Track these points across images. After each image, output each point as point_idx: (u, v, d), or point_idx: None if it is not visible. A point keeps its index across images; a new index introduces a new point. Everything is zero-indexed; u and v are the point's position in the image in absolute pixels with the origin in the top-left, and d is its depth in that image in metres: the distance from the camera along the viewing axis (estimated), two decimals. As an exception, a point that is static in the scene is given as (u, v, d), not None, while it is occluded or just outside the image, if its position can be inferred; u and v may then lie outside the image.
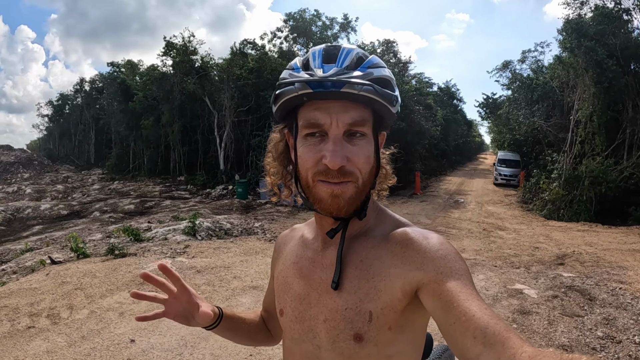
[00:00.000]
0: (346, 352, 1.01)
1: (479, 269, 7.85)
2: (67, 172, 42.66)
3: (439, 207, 16.84)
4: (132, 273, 7.69)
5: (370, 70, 0.95)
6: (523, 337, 0.83)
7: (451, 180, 29.54)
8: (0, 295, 6.89)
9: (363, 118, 0.95)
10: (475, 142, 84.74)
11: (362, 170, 0.96)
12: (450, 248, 0.97)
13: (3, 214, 18.62)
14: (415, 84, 27.43)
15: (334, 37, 24.89)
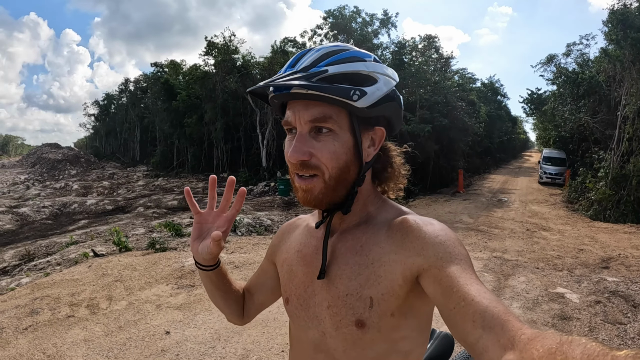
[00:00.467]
0: (349, 337, 1.03)
1: (520, 270, 7.61)
2: (112, 169, 43.85)
3: (482, 206, 16.45)
4: (171, 267, 7.79)
5: (327, 68, 0.96)
6: (522, 320, 0.76)
7: (495, 178, 28.83)
8: (44, 285, 7.10)
9: (324, 115, 0.97)
10: (520, 140, 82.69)
11: (327, 165, 0.98)
12: (450, 234, 0.98)
13: (50, 208, 19.24)
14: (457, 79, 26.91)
15: (374, 33, 24.60)
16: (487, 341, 0.75)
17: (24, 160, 54.26)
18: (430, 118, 19.97)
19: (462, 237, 10.38)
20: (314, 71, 0.95)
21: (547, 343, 0.64)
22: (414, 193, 19.68)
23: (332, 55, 0.99)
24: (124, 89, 57.58)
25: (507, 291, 6.50)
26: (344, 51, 1.01)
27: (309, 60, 0.98)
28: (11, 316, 5.81)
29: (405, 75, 21.32)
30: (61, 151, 49.91)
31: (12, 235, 14.77)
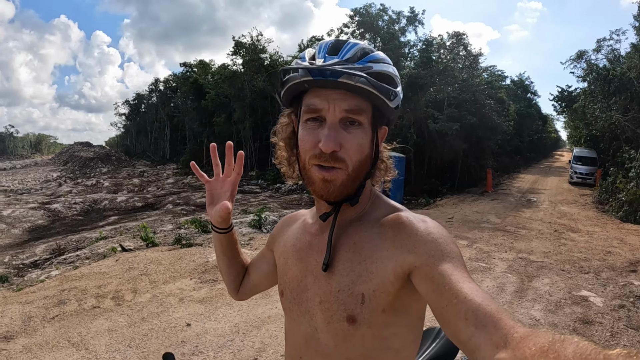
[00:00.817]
0: (340, 333, 1.04)
1: (545, 272, 7.45)
2: (143, 167, 44.53)
3: (510, 206, 16.16)
4: (196, 262, 7.90)
5: (370, 65, 0.99)
6: (515, 318, 0.75)
7: (524, 178, 28.22)
8: (72, 277, 7.27)
9: (359, 107, 0.98)
10: (551, 138, 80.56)
11: (352, 158, 1.00)
12: (442, 231, 0.98)
13: (81, 205, 19.67)
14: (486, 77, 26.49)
15: (401, 31, 24.39)
16: (480, 339, 0.75)
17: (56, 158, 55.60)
18: (459, 116, 19.71)
19: (487, 237, 10.24)
20: (360, 65, 0.97)
21: (539, 341, 0.64)
22: (441, 192, 19.50)
23: (370, 52, 1.02)
24: (154, 88, 58.45)
25: (530, 293, 6.39)
26: (375, 50, 1.04)
27: (352, 52, 0.99)
28: (39, 306, 5.98)
29: (433, 73, 21.11)
30: (93, 149, 50.95)
31: (43, 231, 15.16)
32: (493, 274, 7.29)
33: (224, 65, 34.74)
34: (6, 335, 5.13)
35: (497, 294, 6.31)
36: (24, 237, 14.28)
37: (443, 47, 24.34)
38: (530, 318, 5.47)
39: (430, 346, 1.66)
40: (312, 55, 1.04)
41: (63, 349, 4.79)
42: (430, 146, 20.43)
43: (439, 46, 23.80)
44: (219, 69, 36.58)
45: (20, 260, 10.42)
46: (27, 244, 12.93)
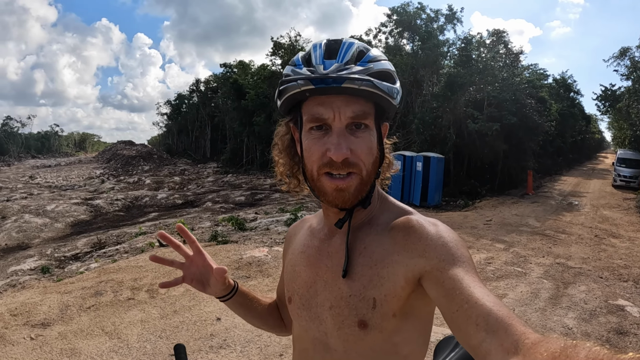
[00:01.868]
0: (351, 338, 1.03)
1: (582, 279, 7.22)
2: (184, 165, 45.33)
3: (551, 209, 15.74)
4: (230, 258, 8.00)
5: (371, 65, 0.97)
6: (526, 324, 0.77)
7: (566, 180, 27.53)
8: (110, 270, 7.47)
9: (364, 111, 0.97)
10: (595, 139, 77.87)
11: (365, 162, 0.98)
12: (452, 235, 0.97)
13: (123, 201, 20.17)
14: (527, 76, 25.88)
15: (440, 29, 24.08)
16: (490, 345, 0.74)
17: (99, 156, 57.22)
18: (499, 116, 19.29)
19: (525, 241, 10.03)
20: (360, 67, 0.95)
21: (551, 347, 0.63)
22: (480, 194, 19.18)
23: (367, 52, 1.00)
24: (194, 89, 59.43)
25: (564, 300, 6.21)
26: (371, 49, 1.02)
27: (350, 53, 0.97)
28: (77, 296, 6.17)
29: (472, 71, 20.76)
30: (135, 148, 52.16)
31: (86, 225, 15.61)
32: (528, 279, 7.13)
33: (264, 65, 35.10)
34: (43, 322, 5.32)
35: (530, 300, 6.17)
36: (67, 231, 14.75)
37: (483, 45, 23.86)
38: (562, 326, 5.33)
39: (449, 355, 1.62)
40: (307, 59, 1.00)
41: (96, 337, 4.94)
42: (470, 147, 20.07)
43: (479, 44, 23.34)
44: (258, 70, 36.98)
45: (62, 253, 10.76)
46: (69, 238, 13.36)
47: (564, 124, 32.94)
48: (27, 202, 18.09)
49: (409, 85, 23.63)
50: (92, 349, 4.70)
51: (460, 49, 22.48)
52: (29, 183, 30.05)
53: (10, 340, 4.88)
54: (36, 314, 5.55)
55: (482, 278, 0.89)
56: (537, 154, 23.98)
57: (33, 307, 5.75)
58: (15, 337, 4.96)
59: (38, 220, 15.25)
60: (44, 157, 70.03)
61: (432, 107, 21.68)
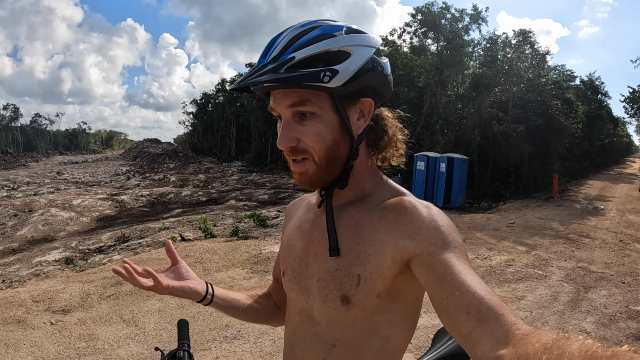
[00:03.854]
0: (334, 313, 1.04)
1: (604, 283, 7.05)
2: (209, 163, 45.76)
3: (575, 213, 15.43)
4: (249, 253, 8.08)
5: (293, 55, 0.95)
6: (517, 315, 0.74)
7: (593, 184, 26.97)
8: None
9: (302, 99, 0.97)
10: (623, 143, 76.00)
11: (315, 148, 0.99)
12: (445, 219, 0.96)
13: (148, 197, 20.45)
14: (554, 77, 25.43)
15: (465, 29, 23.78)
16: (481, 333, 0.74)
17: (126, 153, 58.11)
18: (524, 118, 19.00)
19: (548, 244, 9.86)
20: (282, 60, 0.95)
21: (542, 338, 0.63)
22: (504, 196, 18.94)
23: (299, 38, 0.98)
24: (220, 88, 59.89)
25: (584, 304, 6.09)
26: (311, 30, 0.99)
27: (278, 48, 0.97)
28: (98, 285, 6.31)
29: (498, 72, 20.52)
30: (161, 146, 52.87)
31: (111, 220, 15.88)
32: (548, 282, 7.01)
33: (288, 65, 35.11)
34: (64, 308, 5.46)
35: (549, 303, 6.07)
36: (92, 225, 15.02)
37: (508, 45, 23.55)
38: (580, 330, 5.22)
39: (447, 343, 1.62)
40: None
41: (115, 324, 5.04)
42: (495, 148, 19.82)
43: (504, 45, 23.04)
44: (283, 69, 37.07)
45: (86, 246, 10.97)
46: (94, 232, 13.61)
47: (591, 126, 32.29)
48: (54, 197, 18.49)
49: (434, 85, 23.47)
50: (110, 335, 4.81)
51: (485, 49, 22.22)
52: (56, 178, 30.71)
53: (31, 325, 5.02)
54: (57, 301, 5.70)
55: (473, 266, 0.88)
56: (563, 157, 23.55)
57: (55, 295, 5.90)
58: (36, 322, 5.10)
59: (64, 214, 15.57)
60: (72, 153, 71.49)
61: (457, 108, 21.49)
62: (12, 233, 13.05)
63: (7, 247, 11.54)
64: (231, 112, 55.86)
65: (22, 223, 14.06)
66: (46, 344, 4.63)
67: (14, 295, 5.99)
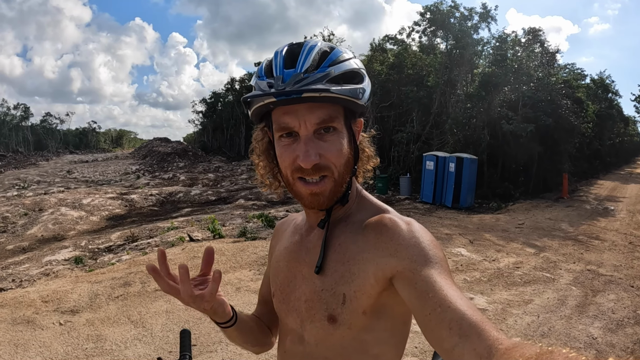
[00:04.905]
0: (321, 332, 1.05)
1: (612, 287, 7.01)
2: (218, 162, 45.78)
3: (585, 214, 15.31)
4: (257, 254, 8.10)
5: (331, 69, 0.96)
6: (500, 329, 0.77)
7: (603, 184, 26.77)
8: (140, 262, 7.66)
9: (330, 115, 0.97)
10: (634, 142, 75.02)
11: (336, 164, 0.99)
12: (425, 235, 0.97)
13: (157, 196, 20.52)
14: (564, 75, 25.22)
15: (474, 28, 23.62)
16: (464, 349, 0.74)
17: (135, 152, 58.32)
18: (534, 117, 18.83)
19: (557, 246, 9.81)
20: (320, 72, 0.95)
21: (526, 352, 0.63)
22: (514, 197, 18.83)
23: (329, 54, 0.99)
24: (230, 87, 60.01)
25: (591, 309, 6.05)
26: (334, 49, 1.02)
27: (310, 60, 0.97)
28: (106, 286, 6.36)
29: (507, 71, 20.40)
30: (170, 145, 52.99)
31: (120, 219, 15.95)
32: (556, 286, 6.98)
33: (296, 64, 35.09)
34: (73, 309, 5.52)
35: (556, 307, 6.05)
36: (102, 224, 15.09)
37: (518, 44, 23.38)
38: (587, 335, 5.19)
39: None
40: (269, 69, 1.01)
41: (122, 325, 5.08)
42: (504, 148, 19.67)
43: (514, 43, 22.87)
44: (291, 69, 37.02)
45: (95, 245, 11.03)
46: (103, 231, 13.68)
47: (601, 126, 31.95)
48: (64, 196, 18.59)
49: (443, 84, 23.36)
50: (117, 336, 4.85)
51: (494, 48, 22.08)
52: (67, 177, 30.92)
53: (40, 325, 5.08)
54: (66, 301, 5.75)
55: (455, 281, 0.89)
56: (573, 156, 23.37)
57: (64, 295, 5.95)
58: (45, 322, 5.16)
59: (74, 213, 15.66)
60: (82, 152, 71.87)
61: (466, 107, 21.39)
62: (23, 232, 13.16)
63: (18, 246, 11.63)
64: (240, 111, 55.80)
65: (33, 222, 14.17)
66: (55, 345, 4.68)
67: (23, 295, 6.05)
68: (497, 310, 5.91)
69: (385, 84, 25.70)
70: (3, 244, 11.92)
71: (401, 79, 25.23)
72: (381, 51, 27.90)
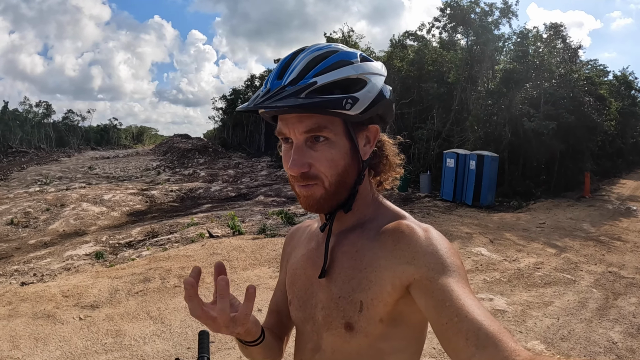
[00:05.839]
0: (338, 340, 1.04)
1: (634, 290, 6.88)
2: (238, 159, 45.97)
3: (607, 214, 15.02)
4: (276, 252, 8.13)
5: (315, 79, 0.94)
6: (517, 340, 0.79)
7: (626, 183, 26.15)
8: (160, 258, 7.71)
9: (319, 125, 0.96)
10: None
11: (326, 174, 0.99)
12: (443, 243, 0.96)
13: (177, 192, 20.69)
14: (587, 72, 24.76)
15: (495, 24, 23.31)
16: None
17: (156, 148, 58.82)
18: (555, 115, 18.47)
19: (578, 247, 9.66)
20: (302, 84, 0.94)
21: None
22: (535, 195, 18.60)
23: (319, 62, 0.98)
24: (249, 84, 60.23)
25: (612, 312, 5.95)
26: (330, 55, 0.99)
27: (296, 70, 0.96)
28: (126, 281, 6.43)
29: (528, 67, 20.09)
30: (191, 141, 53.30)
31: (141, 215, 16.12)
32: (577, 288, 6.88)
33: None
34: (93, 304, 5.59)
35: (576, 310, 5.96)
36: (123, 219, 15.26)
37: (539, 40, 23.01)
38: (607, 340, 5.11)
39: None
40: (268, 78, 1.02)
41: (141, 321, 5.13)
42: (525, 146, 19.35)
43: (535, 39, 22.51)
44: (311, 65, 37.02)
45: (116, 240, 11.16)
46: (124, 226, 13.85)
47: (624, 123, 31.20)
48: (85, 191, 18.83)
49: (464, 81, 23.14)
50: (136, 331, 4.90)
51: (516, 43, 21.76)
52: (88, 173, 31.28)
53: (60, 319, 5.15)
54: (87, 296, 5.83)
55: (473, 289, 0.87)
56: (596, 155, 22.95)
57: (84, 290, 6.04)
58: (65, 316, 5.23)
59: (95, 208, 15.86)
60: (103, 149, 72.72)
61: (487, 104, 21.15)
62: (44, 227, 13.37)
63: (39, 240, 11.83)
64: (260, 108, 56.07)
65: (54, 217, 14.39)
66: (74, 339, 4.75)
67: (44, 289, 6.15)
68: (516, 311, 5.85)
69: (405, 80, 25.56)
70: (25, 238, 12.14)
71: (421, 75, 25.04)
72: (401, 47, 27.76)
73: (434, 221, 12.38)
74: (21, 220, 13.85)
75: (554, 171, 20.38)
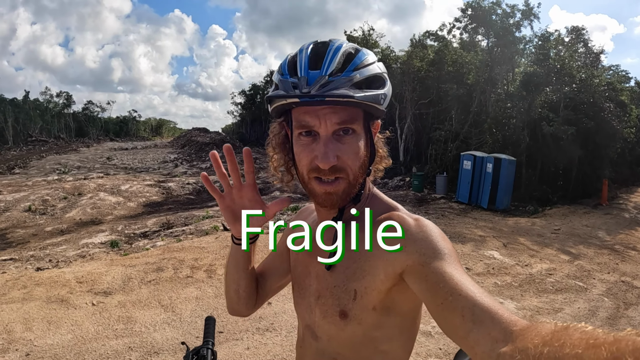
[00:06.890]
0: (333, 327, 1.08)
1: None
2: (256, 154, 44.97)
3: (624, 222, 14.76)
4: (289, 246, 8.10)
5: (355, 73, 0.97)
6: (513, 312, 0.79)
7: (645, 192, 25.86)
8: (174, 249, 7.79)
9: (351, 117, 0.98)
10: None
11: (352, 166, 1.01)
12: (433, 229, 0.98)
13: (194, 185, 20.81)
14: (609, 77, 24.37)
15: (516, 25, 23.01)
16: (478, 335, 0.75)
17: (174, 141, 59.12)
18: (575, 120, 18.21)
19: (592, 254, 9.53)
20: (344, 77, 0.95)
21: (542, 331, 0.63)
22: (551, 201, 18.40)
23: (354, 57, 1.00)
24: (269, 80, 60.25)
25: (622, 322, 5.90)
26: (359, 51, 1.02)
27: (335, 63, 0.97)
28: (140, 270, 6.51)
29: (549, 71, 19.84)
30: (209, 135, 53.56)
31: (157, 206, 16.26)
32: (588, 296, 6.81)
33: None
34: (106, 290, 5.68)
35: (586, 318, 5.92)
36: (139, 210, 15.41)
37: (561, 43, 22.70)
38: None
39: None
40: (293, 67, 1.01)
41: (153, 309, 5.21)
42: (544, 150, 19.12)
43: (557, 42, 22.20)
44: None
45: (132, 230, 11.30)
46: (140, 217, 13.99)
47: (644, 131, 30.86)
48: (103, 181, 19.04)
49: (483, 83, 22.92)
50: (147, 318, 4.97)
51: (537, 46, 21.48)
52: (106, 164, 31.60)
53: (73, 304, 5.25)
54: (100, 283, 5.93)
55: (466, 270, 0.89)
56: (614, 162, 22.61)
57: (98, 277, 6.13)
58: (78, 302, 5.33)
59: (112, 198, 16.04)
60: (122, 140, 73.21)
61: (506, 107, 20.95)
62: (62, 215, 13.58)
63: (56, 228, 12.02)
64: (279, 104, 56.18)
65: (72, 206, 14.59)
66: (86, 324, 4.84)
67: (59, 275, 6.26)
68: (525, 317, 5.81)
69: (424, 80, 25.38)
70: (42, 225, 12.34)
71: (441, 75, 24.82)
72: (421, 47, 27.55)
73: (448, 223, 12.33)
74: (39, 208, 14.07)
75: (571, 177, 20.11)
